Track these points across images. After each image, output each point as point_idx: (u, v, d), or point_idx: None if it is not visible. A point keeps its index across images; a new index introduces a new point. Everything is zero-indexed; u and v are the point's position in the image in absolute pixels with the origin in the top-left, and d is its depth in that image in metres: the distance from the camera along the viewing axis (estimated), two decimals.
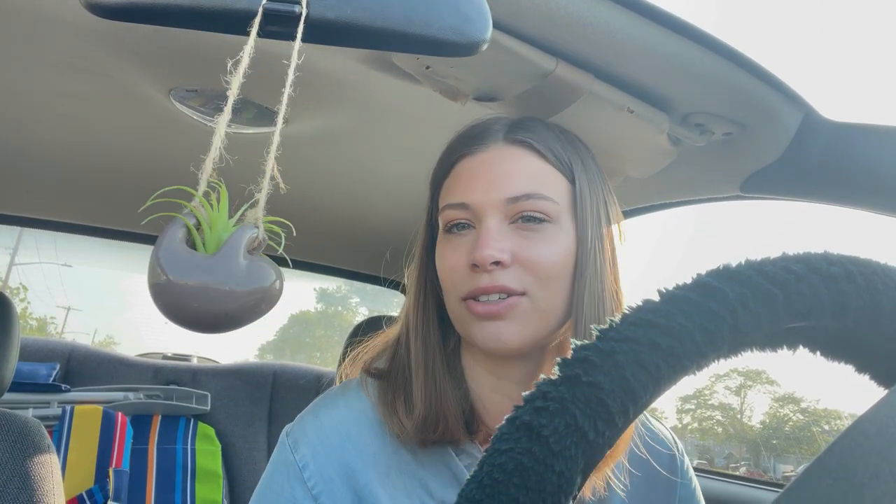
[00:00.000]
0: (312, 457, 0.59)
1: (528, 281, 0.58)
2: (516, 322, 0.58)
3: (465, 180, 0.62)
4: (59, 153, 1.12)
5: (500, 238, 0.58)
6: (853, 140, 0.72)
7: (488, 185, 0.60)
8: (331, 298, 25.63)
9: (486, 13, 0.42)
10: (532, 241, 0.59)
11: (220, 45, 0.75)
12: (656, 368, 0.25)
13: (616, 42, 0.64)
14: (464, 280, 0.59)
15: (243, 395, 1.66)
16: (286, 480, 0.59)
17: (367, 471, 0.59)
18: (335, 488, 0.58)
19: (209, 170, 0.42)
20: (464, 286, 0.59)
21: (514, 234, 0.59)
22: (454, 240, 0.62)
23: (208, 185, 0.44)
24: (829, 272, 0.27)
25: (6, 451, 0.86)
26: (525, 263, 0.58)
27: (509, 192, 0.59)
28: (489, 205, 0.60)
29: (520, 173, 0.61)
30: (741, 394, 19.69)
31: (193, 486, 1.47)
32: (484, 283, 0.58)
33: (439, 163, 0.68)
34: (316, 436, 0.61)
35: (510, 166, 0.61)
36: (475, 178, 0.62)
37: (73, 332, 22.32)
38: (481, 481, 0.25)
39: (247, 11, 0.38)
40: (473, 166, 0.63)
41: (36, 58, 0.81)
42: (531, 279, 0.58)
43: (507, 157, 0.62)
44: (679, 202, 1.00)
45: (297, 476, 0.59)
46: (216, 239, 0.44)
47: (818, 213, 22.73)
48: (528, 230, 0.60)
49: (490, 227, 0.59)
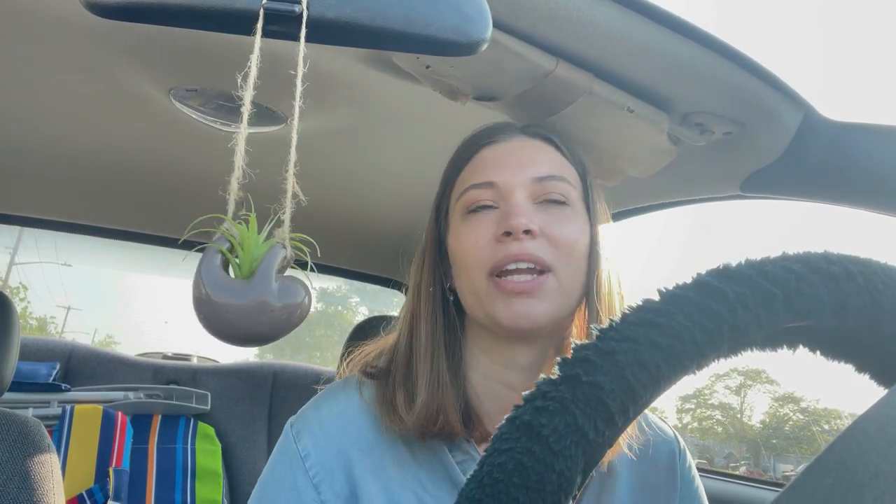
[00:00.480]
0: (314, 447, 0.61)
1: (554, 256, 0.60)
2: (545, 299, 0.60)
3: (490, 163, 0.65)
4: (60, 152, 1.12)
5: (530, 212, 0.61)
6: (853, 140, 0.72)
7: (515, 166, 0.63)
8: (331, 298, 25.64)
9: (486, 12, 0.42)
10: (557, 219, 0.62)
11: (221, 44, 0.75)
12: (656, 368, 0.25)
13: (616, 41, 0.64)
14: (491, 252, 0.60)
15: (243, 395, 1.66)
16: (288, 469, 0.61)
17: (362, 461, 0.60)
18: (334, 478, 0.60)
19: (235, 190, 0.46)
20: (491, 258, 0.60)
21: (540, 212, 0.62)
22: (477, 218, 0.63)
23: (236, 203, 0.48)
24: (829, 272, 0.27)
25: (6, 451, 0.86)
26: (552, 239, 0.60)
27: (536, 173, 0.63)
28: (517, 183, 0.62)
29: (544, 157, 0.65)
30: (741, 393, 19.69)
31: (193, 486, 1.47)
32: (514, 251, 0.59)
33: (457, 154, 0.70)
34: (318, 427, 0.63)
35: (534, 152, 0.65)
36: (501, 161, 0.64)
37: (73, 332, 22.33)
38: (481, 481, 0.25)
39: (247, 11, 0.38)
40: (498, 152, 0.66)
41: (36, 57, 0.81)
42: (556, 255, 0.60)
43: (530, 146, 0.66)
44: (679, 202, 1.00)
45: (299, 465, 0.61)
46: (249, 259, 0.49)
47: (818, 213, 22.75)
48: (552, 210, 0.62)
49: (519, 201, 0.61)
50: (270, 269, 0.48)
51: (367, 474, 0.60)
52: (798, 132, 0.75)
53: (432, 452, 0.62)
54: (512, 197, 0.62)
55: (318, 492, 0.59)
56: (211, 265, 0.48)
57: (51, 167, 1.18)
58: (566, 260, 0.61)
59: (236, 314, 0.47)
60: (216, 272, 0.48)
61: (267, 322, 0.48)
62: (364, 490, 0.59)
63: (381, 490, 0.59)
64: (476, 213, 0.63)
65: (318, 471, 0.60)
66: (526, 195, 0.62)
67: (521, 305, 0.59)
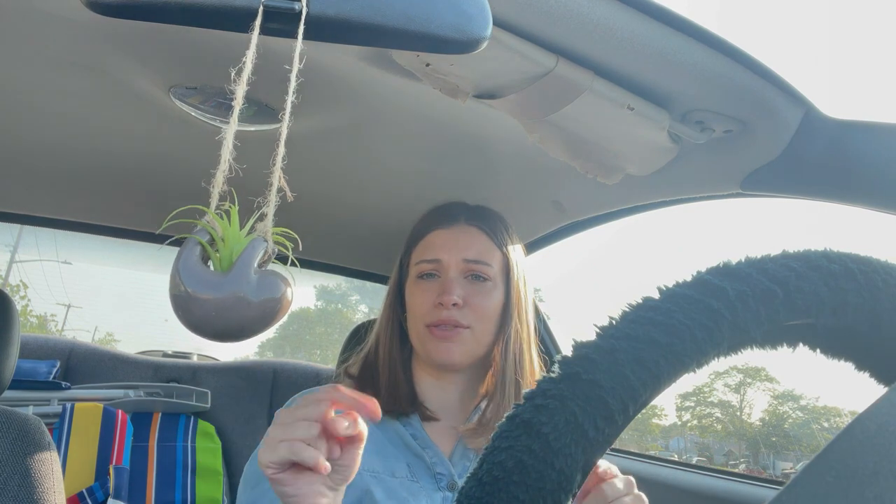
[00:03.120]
0: None
1: (471, 318, 0.87)
2: (461, 346, 0.86)
3: (437, 244, 0.91)
4: (59, 150, 1.12)
5: (458, 286, 0.87)
6: (854, 137, 0.72)
7: (453, 249, 0.89)
8: (331, 296, 25.65)
9: (486, 10, 0.42)
10: (476, 292, 0.88)
11: (221, 42, 0.75)
12: (656, 366, 0.25)
13: (616, 39, 0.64)
14: (430, 312, 0.87)
15: (243, 393, 1.66)
16: None
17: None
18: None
19: (220, 183, 0.45)
20: (429, 317, 0.87)
21: (466, 284, 0.88)
22: (424, 284, 0.90)
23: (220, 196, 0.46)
24: (829, 269, 0.27)
25: (7, 449, 0.86)
26: (472, 307, 0.87)
27: (467, 255, 0.89)
28: (453, 263, 0.89)
29: (475, 243, 0.91)
30: (741, 391, 19.71)
31: (194, 484, 1.47)
32: (444, 317, 0.86)
33: (414, 230, 0.96)
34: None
35: (468, 239, 0.91)
36: (444, 244, 0.91)
37: (73, 330, 22.35)
38: (481, 479, 0.25)
39: (247, 9, 0.38)
40: (443, 236, 0.92)
41: (36, 55, 0.81)
42: (473, 318, 0.87)
43: (466, 233, 0.92)
44: (679, 200, 1.00)
45: None
46: (229, 253, 0.48)
47: (819, 211, 22.74)
48: (475, 284, 0.89)
49: (452, 278, 0.88)
50: (250, 262, 0.47)
51: None
52: (798, 130, 0.75)
53: (389, 424, 0.86)
54: (448, 273, 0.88)
55: None
56: (189, 256, 0.47)
57: (51, 165, 1.18)
58: (480, 321, 0.87)
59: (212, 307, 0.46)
60: (193, 263, 0.47)
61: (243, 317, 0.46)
62: None
63: None
64: (424, 279, 0.90)
65: None
66: (458, 272, 0.89)
67: (444, 348, 0.86)
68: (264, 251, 0.48)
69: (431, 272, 0.90)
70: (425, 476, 0.82)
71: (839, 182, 0.75)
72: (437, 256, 0.89)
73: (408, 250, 0.95)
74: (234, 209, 0.49)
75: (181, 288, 0.46)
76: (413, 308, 0.90)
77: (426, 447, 0.85)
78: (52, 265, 17.81)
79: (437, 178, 1.14)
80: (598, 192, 1.08)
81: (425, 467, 0.83)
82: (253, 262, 0.47)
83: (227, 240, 0.48)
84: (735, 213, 63.06)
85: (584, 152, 0.85)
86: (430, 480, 0.82)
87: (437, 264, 0.89)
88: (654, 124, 0.75)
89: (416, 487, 0.80)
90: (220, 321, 0.46)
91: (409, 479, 0.80)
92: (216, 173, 0.44)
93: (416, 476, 0.81)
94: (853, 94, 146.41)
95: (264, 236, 0.49)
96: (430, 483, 0.81)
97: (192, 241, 0.48)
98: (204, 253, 0.48)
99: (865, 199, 0.74)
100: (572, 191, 1.12)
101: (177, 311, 0.47)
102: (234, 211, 0.49)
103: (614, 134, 0.78)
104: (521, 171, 1.09)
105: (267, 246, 0.49)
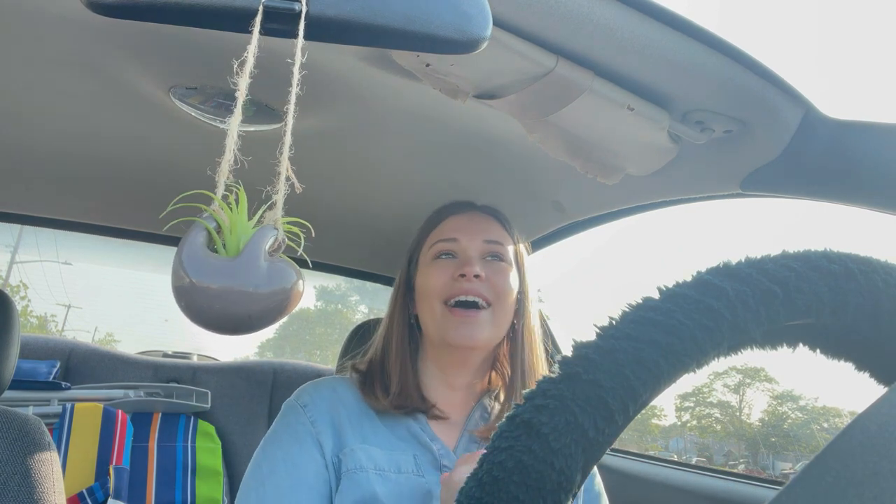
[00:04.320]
0: (311, 401, 0.85)
1: (492, 295, 0.85)
2: (481, 327, 0.84)
3: (454, 227, 0.91)
4: (60, 151, 1.12)
5: (479, 264, 0.86)
6: (853, 138, 0.72)
7: (472, 231, 0.90)
8: (331, 296, 25.65)
9: (486, 10, 0.42)
10: (496, 271, 0.87)
11: (221, 42, 0.75)
12: (656, 366, 0.25)
13: (616, 39, 0.64)
14: (449, 286, 0.85)
15: (243, 393, 1.66)
16: (292, 414, 0.84)
17: (347, 415, 0.84)
18: (324, 422, 0.83)
19: (226, 172, 0.42)
20: (449, 291, 0.85)
21: (485, 265, 0.87)
22: (442, 262, 0.88)
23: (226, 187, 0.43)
24: (829, 270, 0.27)
25: (7, 449, 0.86)
26: (492, 284, 0.86)
27: (486, 237, 0.89)
28: (472, 242, 0.88)
29: (491, 227, 0.91)
30: (740, 391, 19.71)
31: (194, 484, 1.47)
32: (466, 287, 0.84)
33: (429, 219, 0.95)
34: (314, 390, 0.87)
35: (485, 223, 0.92)
36: (462, 226, 0.91)
37: (73, 330, 22.32)
38: (481, 479, 0.25)
39: (247, 9, 0.38)
40: (460, 220, 0.92)
41: (36, 55, 0.81)
42: (494, 295, 0.85)
43: (483, 219, 0.93)
44: (679, 200, 1.00)
45: (300, 412, 0.84)
46: (236, 241, 0.45)
47: (819, 211, 22.76)
48: (494, 264, 0.88)
49: (473, 255, 0.88)
50: (259, 249, 0.43)
51: (347, 425, 0.82)
52: (798, 130, 0.75)
53: (397, 420, 0.86)
54: (468, 251, 0.88)
55: (314, 427, 0.81)
56: (194, 241, 0.43)
57: (51, 166, 1.18)
58: (499, 300, 0.86)
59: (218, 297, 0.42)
60: (198, 249, 0.43)
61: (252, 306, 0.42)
62: (346, 435, 0.81)
63: (360, 438, 0.82)
64: (441, 259, 0.89)
65: (313, 416, 0.83)
66: (478, 252, 0.88)
67: (465, 328, 0.83)
68: (274, 239, 0.45)
69: (449, 251, 0.88)
70: (431, 469, 0.82)
71: (839, 182, 0.75)
72: (456, 236, 0.89)
73: (420, 241, 0.94)
74: (242, 193, 0.46)
75: (185, 279, 0.42)
76: (429, 288, 0.87)
77: (433, 440, 0.85)
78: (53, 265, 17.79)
79: (437, 178, 1.14)
80: (598, 192, 1.08)
81: (432, 458, 0.83)
82: (262, 248, 0.44)
83: (234, 227, 0.45)
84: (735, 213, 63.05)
85: (584, 152, 0.85)
86: (435, 474, 0.82)
87: (455, 244, 0.88)
88: (653, 124, 0.75)
89: (421, 483, 0.80)
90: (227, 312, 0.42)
91: (415, 475, 0.80)
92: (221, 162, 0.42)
93: (422, 470, 0.81)
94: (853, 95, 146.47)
95: (274, 224, 0.46)
96: (435, 477, 0.81)
97: (197, 226, 0.45)
98: (210, 240, 0.45)
99: (865, 199, 0.74)
100: (572, 191, 1.12)
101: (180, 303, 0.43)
102: (242, 195, 0.46)
103: (614, 134, 0.78)
104: (522, 172, 1.09)
105: (277, 234, 0.46)
